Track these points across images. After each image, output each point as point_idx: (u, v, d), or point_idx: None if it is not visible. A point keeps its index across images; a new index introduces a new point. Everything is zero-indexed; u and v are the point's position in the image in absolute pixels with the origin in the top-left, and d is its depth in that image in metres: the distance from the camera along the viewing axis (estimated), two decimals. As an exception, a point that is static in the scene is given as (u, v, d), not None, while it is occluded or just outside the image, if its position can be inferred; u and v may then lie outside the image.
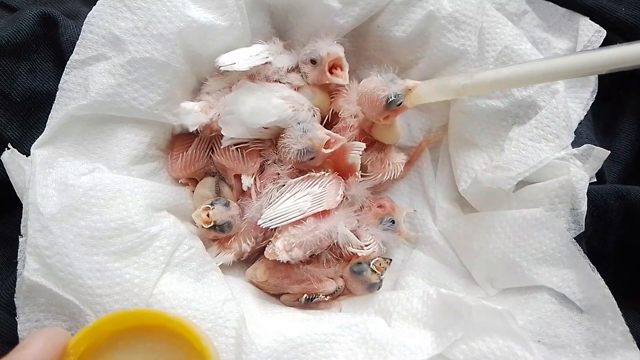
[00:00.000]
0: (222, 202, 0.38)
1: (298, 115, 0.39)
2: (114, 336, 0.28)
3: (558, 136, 0.37)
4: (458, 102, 0.41)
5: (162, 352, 0.29)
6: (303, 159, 0.38)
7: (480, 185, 0.38)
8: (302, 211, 0.37)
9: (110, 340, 0.28)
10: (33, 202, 0.32)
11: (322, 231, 0.37)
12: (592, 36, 0.40)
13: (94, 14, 0.36)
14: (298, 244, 0.36)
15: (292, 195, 0.38)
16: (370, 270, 0.38)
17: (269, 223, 0.37)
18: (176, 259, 0.35)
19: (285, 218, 0.37)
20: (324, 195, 0.38)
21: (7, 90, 0.36)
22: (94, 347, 0.28)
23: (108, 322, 0.28)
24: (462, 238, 0.41)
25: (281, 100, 0.38)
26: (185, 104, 0.38)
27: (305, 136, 0.38)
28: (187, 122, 0.38)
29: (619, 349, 0.33)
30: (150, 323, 0.29)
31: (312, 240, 0.37)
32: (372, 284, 0.38)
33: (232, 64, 0.37)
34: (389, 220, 0.40)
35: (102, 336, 0.28)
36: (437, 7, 0.39)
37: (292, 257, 0.36)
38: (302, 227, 0.37)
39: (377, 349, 0.33)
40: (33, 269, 0.31)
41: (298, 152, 0.38)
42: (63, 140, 0.35)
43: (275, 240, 0.37)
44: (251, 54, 0.39)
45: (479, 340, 0.31)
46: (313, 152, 0.38)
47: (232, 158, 0.40)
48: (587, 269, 0.34)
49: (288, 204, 0.37)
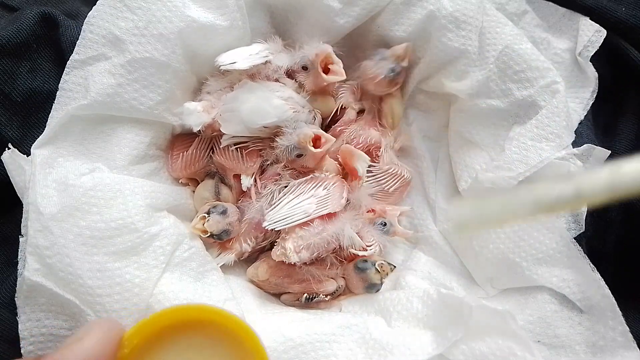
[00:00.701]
0: (218, 210, 0.38)
1: (298, 116, 0.39)
2: (167, 330, 0.28)
3: (559, 136, 0.37)
4: (458, 102, 0.41)
5: (212, 347, 0.28)
6: (291, 155, 0.39)
7: (480, 185, 0.38)
8: (307, 213, 0.37)
9: (163, 334, 0.28)
10: (33, 202, 0.32)
11: (329, 233, 0.37)
12: (592, 36, 0.40)
13: (94, 14, 0.36)
14: (306, 245, 0.36)
15: (296, 197, 0.38)
16: (375, 270, 0.38)
17: (274, 225, 0.37)
18: (176, 259, 0.35)
19: (290, 220, 0.37)
20: (329, 197, 0.38)
21: (8, 90, 0.36)
22: (146, 340, 0.27)
23: (164, 316, 0.28)
24: (462, 238, 0.41)
25: (282, 101, 0.38)
26: (188, 104, 0.38)
27: (294, 132, 0.38)
28: (190, 122, 0.38)
29: (619, 349, 0.33)
30: (204, 318, 0.28)
31: (319, 242, 0.37)
32: (372, 284, 0.38)
33: (233, 63, 0.37)
34: (381, 223, 0.40)
35: (155, 330, 0.27)
36: (438, 6, 0.39)
37: (300, 258, 0.36)
38: (310, 229, 0.37)
39: (377, 349, 0.33)
40: (33, 269, 0.31)
41: (286, 149, 0.38)
42: (63, 140, 0.35)
43: (284, 241, 0.37)
44: (251, 52, 0.39)
45: (479, 340, 0.31)
46: (300, 148, 0.38)
47: (232, 158, 0.40)
48: (587, 269, 0.34)
49: (292, 205, 0.37)
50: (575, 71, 0.41)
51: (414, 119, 0.45)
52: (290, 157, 0.39)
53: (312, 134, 0.38)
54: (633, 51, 0.41)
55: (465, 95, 0.40)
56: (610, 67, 0.42)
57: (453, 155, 0.42)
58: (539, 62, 0.38)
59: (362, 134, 0.42)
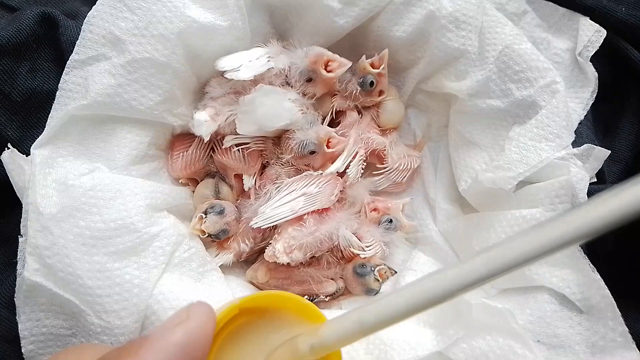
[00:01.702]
0: (216, 210, 0.38)
1: (306, 117, 0.39)
2: (248, 316, 0.28)
3: (559, 136, 0.37)
4: (458, 102, 0.41)
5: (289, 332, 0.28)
6: (304, 151, 0.39)
7: (480, 185, 0.38)
8: (294, 211, 0.37)
9: (244, 319, 0.28)
10: (33, 202, 0.32)
11: (322, 233, 0.37)
12: (592, 36, 0.40)
13: (94, 14, 0.36)
14: (298, 246, 0.37)
15: (286, 195, 0.38)
16: (374, 277, 0.38)
17: (260, 223, 0.37)
18: (176, 259, 0.35)
19: (277, 218, 0.37)
20: (319, 194, 0.38)
21: (7, 90, 0.36)
22: (230, 325, 0.27)
23: (249, 301, 0.28)
24: (462, 238, 0.41)
25: (292, 103, 0.39)
26: (198, 116, 0.38)
27: (312, 129, 0.38)
28: (201, 132, 0.38)
29: (618, 349, 0.33)
30: (287, 306, 0.28)
31: (312, 242, 0.37)
32: (371, 290, 0.38)
33: (236, 70, 0.37)
34: (387, 220, 0.40)
35: (239, 315, 0.27)
36: (438, 6, 0.39)
37: (292, 259, 0.36)
38: (302, 229, 0.37)
39: (378, 344, 0.33)
40: (33, 269, 0.31)
41: (301, 143, 0.38)
42: (63, 140, 0.35)
43: (275, 242, 0.37)
44: (251, 58, 0.39)
45: (480, 338, 0.31)
46: (316, 145, 0.38)
47: (234, 158, 0.40)
48: (587, 269, 0.34)
49: (281, 204, 0.38)
50: (575, 71, 0.41)
51: (414, 119, 0.45)
52: (303, 152, 0.39)
53: (333, 134, 0.38)
54: (633, 51, 0.41)
55: (465, 95, 0.40)
56: (610, 67, 0.42)
57: (453, 155, 0.42)
58: (539, 62, 0.38)
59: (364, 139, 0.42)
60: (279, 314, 0.28)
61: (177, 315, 0.23)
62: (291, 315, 0.28)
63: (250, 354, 0.28)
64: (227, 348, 0.27)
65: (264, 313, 0.28)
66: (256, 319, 0.28)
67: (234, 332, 0.28)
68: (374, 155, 0.43)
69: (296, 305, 0.28)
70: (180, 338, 0.22)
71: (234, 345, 0.28)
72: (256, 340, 0.28)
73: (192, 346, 0.22)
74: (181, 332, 0.22)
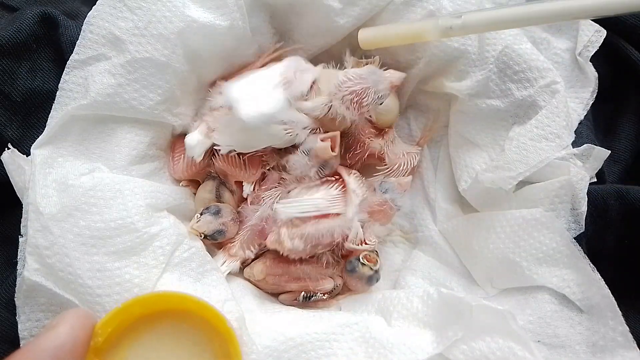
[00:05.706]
0: (211, 210, 0.38)
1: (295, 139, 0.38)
2: (140, 319, 0.29)
3: (559, 136, 0.37)
4: (458, 102, 0.41)
5: (186, 335, 0.29)
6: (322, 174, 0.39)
7: (480, 185, 0.38)
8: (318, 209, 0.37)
9: (136, 322, 0.29)
10: (33, 202, 0.32)
11: (324, 226, 0.37)
12: (592, 36, 0.40)
13: (94, 14, 0.36)
14: (300, 235, 0.36)
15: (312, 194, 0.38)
16: (361, 264, 0.38)
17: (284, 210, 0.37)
18: (176, 259, 0.35)
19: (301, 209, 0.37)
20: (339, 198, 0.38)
21: (7, 90, 0.36)
22: (120, 329, 0.28)
23: (135, 304, 0.28)
24: (462, 238, 0.41)
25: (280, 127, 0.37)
26: (189, 139, 0.38)
27: (311, 155, 0.38)
28: (194, 154, 0.38)
29: (619, 349, 0.33)
30: (177, 307, 0.29)
31: (314, 233, 0.37)
32: (369, 277, 0.38)
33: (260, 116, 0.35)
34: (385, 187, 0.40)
35: (128, 318, 0.28)
36: (438, 6, 0.39)
37: (294, 245, 0.36)
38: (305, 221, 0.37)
39: (377, 348, 0.33)
40: (33, 269, 0.31)
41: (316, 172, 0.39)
42: (63, 140, 0.35)
43: (279, 228, 0.37)
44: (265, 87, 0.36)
45: (480, 340, 0.31)
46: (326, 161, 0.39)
47: (234, 164, 0.39)
48: (587, 269, 0.34)
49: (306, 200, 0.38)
50: (575, 71, 0.41)
51: (414, 119, 0.45)
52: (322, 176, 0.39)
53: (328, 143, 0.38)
54: (633, 51, 0.41)
55: (465, 95, 0.40)
56: (610, 67, 0.42)
57: (453, 155, 0.42)
58: (539, 62, 0.38)
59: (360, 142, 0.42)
60: (184, 316, 0.29)
61: (49, 322, 0.25)
62: (194, 315, 0.29)
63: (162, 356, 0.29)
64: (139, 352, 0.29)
65: (177, 316, 0.29)
66: (166, 322, 0.29)
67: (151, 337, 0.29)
68: (372, 157, 0.42)
69: (195, 304, 0.29)
70: (48, 343, 0.24)
71: (146, 351, 0.29)
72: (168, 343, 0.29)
73: (61, 349, 0.24)
74: (48, 338, 0.24)
